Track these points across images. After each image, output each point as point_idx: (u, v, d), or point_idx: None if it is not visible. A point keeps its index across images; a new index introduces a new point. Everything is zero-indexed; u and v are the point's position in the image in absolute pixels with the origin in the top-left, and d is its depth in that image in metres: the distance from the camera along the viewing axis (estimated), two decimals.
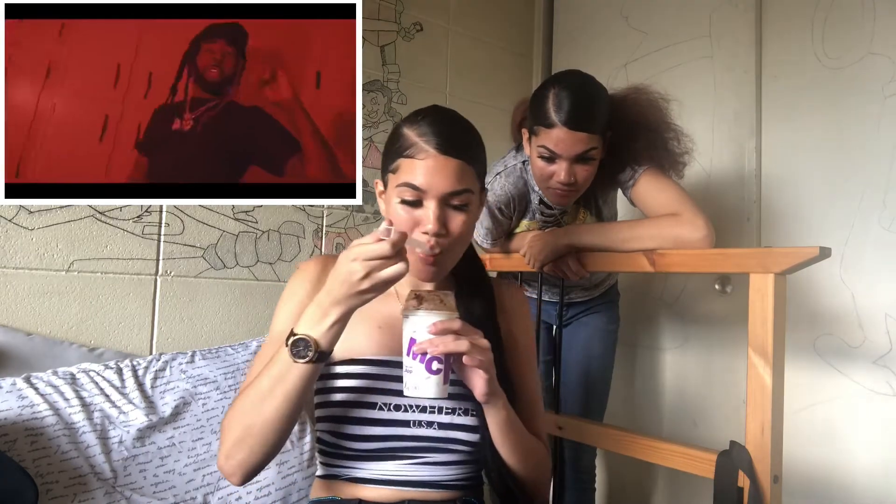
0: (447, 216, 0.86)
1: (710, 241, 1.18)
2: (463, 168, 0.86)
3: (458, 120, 0.91)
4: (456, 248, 0.90)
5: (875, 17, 1.55)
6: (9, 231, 1.32)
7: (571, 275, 1.32)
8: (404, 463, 0.89)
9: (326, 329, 0.76)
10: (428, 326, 0.77)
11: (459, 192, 0.85)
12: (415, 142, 0.85)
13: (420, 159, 0.84)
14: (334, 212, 1.82)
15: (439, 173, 0.84)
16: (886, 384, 1.48)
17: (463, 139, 0.88)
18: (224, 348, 1.45)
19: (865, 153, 1.55)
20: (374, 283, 0.73)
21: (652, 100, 1.30)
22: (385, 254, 0.72)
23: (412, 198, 0.85)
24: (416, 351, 0.77)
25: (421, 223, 0.85)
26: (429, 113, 0.89)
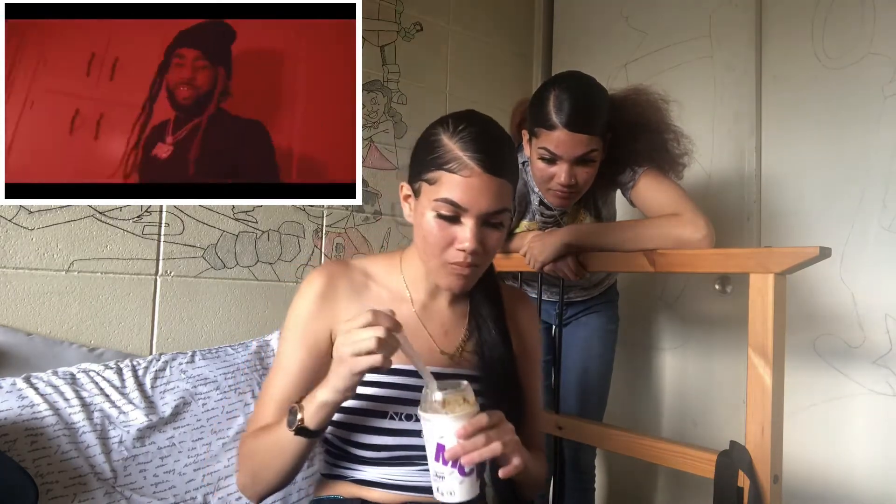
0: (484, 235, 0.85)
1: (710, 242, 1.18)
2: (504, 187, 0.85)
3: (500, 134, 0.89)
4: (486, 263, 0.91)
5: (875, 17, 1.55)
6: (9, 231, 1.32)
7: (571, 275, 1.32)
8: (411, 469, 0.89)
9: (315, 408, 0.78)
10: (457, 430, 0.74)
11: (500, 211, 0.85)
12: (458, 156, 0.83)
13: (464, 176, 0.82)
14: (334, 212, 1.82)
15: (483, 193, 0.82)
16: (886, 384, 1.48)
17: (506, 156, 0.86)
18: (224, 348, 1.45)
19: (865, 153, 1.55)
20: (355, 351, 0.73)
21: (652, 101, 1.30)
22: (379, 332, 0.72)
23: (450, 213, 0.83)
24: (449, 458, 0.74)
25: (457, 240, 0.84)
26: (470, 123, 0.86)
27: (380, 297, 0.95)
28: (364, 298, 0.94)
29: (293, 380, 0.90)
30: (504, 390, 0.92)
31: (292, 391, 0.90)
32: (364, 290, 0.95)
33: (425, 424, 0.76)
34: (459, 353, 0.96)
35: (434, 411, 0.75)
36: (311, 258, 1.77)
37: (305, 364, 0.91)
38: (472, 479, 0.76)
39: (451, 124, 0.87)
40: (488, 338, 0.93)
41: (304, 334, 0.91)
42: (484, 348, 0.94)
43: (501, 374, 0.93)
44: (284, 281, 1.71)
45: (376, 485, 0.89)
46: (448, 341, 0.96)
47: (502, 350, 0.94)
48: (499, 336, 0.94)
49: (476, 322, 0.96)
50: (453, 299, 0.98)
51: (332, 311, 0.92)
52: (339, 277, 0.94)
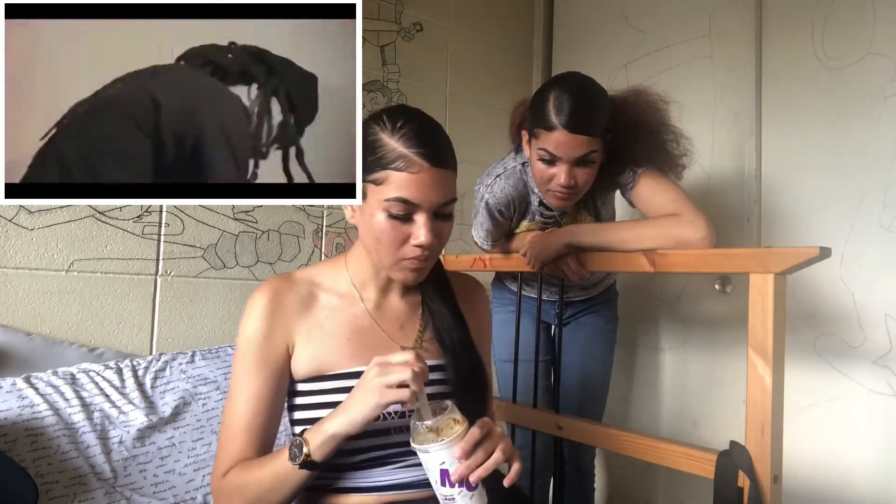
0: (437, 227, 0.86)
1: (710, 242, 1.18)
2: (450, 177, 0.86)
3: (437, 125, 0.89)
4: (439, 254, 0.92)
5: (875, 17, 1.54)
6: (9, 231, 1.32)
7: (571, 275, 1.32)
8: (386, 469, 0.89)
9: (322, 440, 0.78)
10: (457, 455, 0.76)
11: (450, 201, 0.86)
12: (403, 154, 0.82)
13: (412, 173, 0.82)
14: (334, 212, 1.82)
15: (432, 186, 0.83)
16: (886, 384, 1.48)
17: (447, 147, 0.87)
18: (224, 348, 1.45)
19: (865, 153, 1.55)
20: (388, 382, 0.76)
21: (651, 101, 1.30)
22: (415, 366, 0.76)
23: (403, 213, 0.83)
24: (456, 480, 0.76)
25: (412, 236, 0.84)
26: (407, 119, 0.85)
27: (331, 305, 0.94)
28: (313, 309, 0.93)
29: (255, 405, 0.88)
30: (469, 370, 0.94)
31: (257, 417, 0.88)
32: (312, 300, 0.94)
33: (423, 456, 0.78)
34: (419, 343, 0.96)
35: (430, 441, 0.76)
36: (311, 258, 1.77)
37: (268, 387, 0.89)
38: (479, 492, 0.78)
39: (387, 122, 0.85)
40: (443, 322, 0.95)
41: (260, 357, 0.89)
42: (441, 334, 0.95)
43: (463, 354, 0.94)
44: None
45: (356, 490, 0.89)
46: (405, 335, 0.96)
47: (459, 331, 0.95)
48: (453, 319, 0.95)
49: (429, 310, 0.97)
50: (404, 293, 0.98)
51: (283, 325, 0.90)
52: (284, 292, 0.92)
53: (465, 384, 0.93)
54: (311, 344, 0.91)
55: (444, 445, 0.75)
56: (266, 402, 0.89)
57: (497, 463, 0.76)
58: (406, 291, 0.99)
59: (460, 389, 0.92)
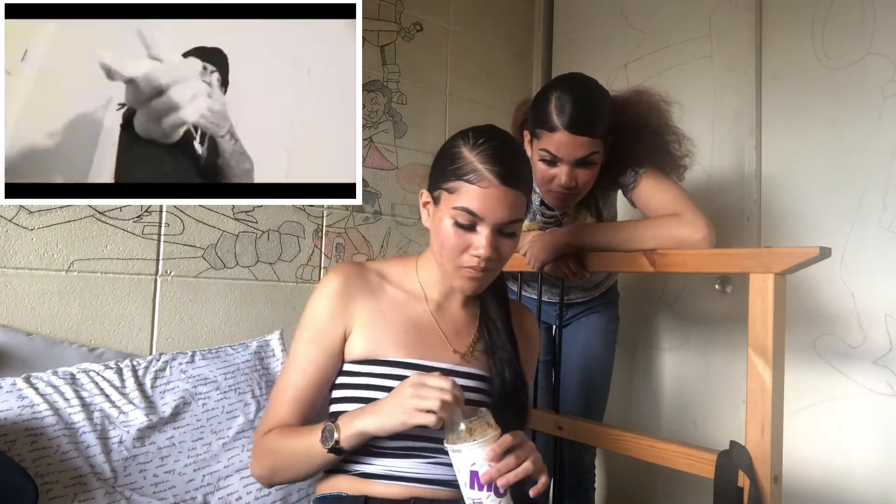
0: (498, 243, 0.90)
1: (710, 242, 1.18)
2: (518, 198, 0.90)
3: (518, 148, 0.94)
4: (499, 269, 0.96)
5: (875, 17, 1.55)
6: (9, 231, 1.32)
7: (571, 275, 1.32)
8: (417, 461, 0.90)
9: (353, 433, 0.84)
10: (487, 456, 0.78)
11: (514, 221, 0.90)
12: (477, 168, 0.87)
13: (482, 187, 0.87)
14: (334, 212, 1.82)
15: (498, 203, 0.87)
16: (886, 384, 1.48)
17: (522, 170, 0.91)
18: (224, 348, 1.45)
19: (865, 153, 1.55)
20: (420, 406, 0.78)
21: (653, 102, 1.30)
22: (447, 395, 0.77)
23: (467, 222, 0.88)
24: (485, 482, 0.78)
25: (472, 246, 0.89)
26: (489, 138, 0.91)
27: (395, 298, 0.99)
28: (379, 298, 0.99)
29: (307, 378, 0.95)
30: (512, 389, 0.97)
31: (306, 389, 0.95)
32: (379, 290, 1.00)
33: (455, 456, 0.79)
34: (470, 352, 1.00)
35: (463, 441, 0.78)
36: (311, 258, 1.77)
37: (320, 363, 0.95)
38: (507, 499, 0.79)
39: (471, 137, 0.91)
40: (497, 340, 0.99)
41: (318, 334, 0.95)
42: (494, 349, 0.99)
43: (510, 374, 0.97)
44: (284, 281, 1.71)
45: (381, 477, 0.90)
46: (459, 341, 1.00)
47: (510, 352, 0.98)
48: (507, 339, 0.99)
49: (486, 325, 1.01)
50: (465, 302, 1.03)
51: (347, 310, 0.96)
52: (355, 277, 0.98)
53: (507, 401, 0.96)
54: (370, 329, 0.96)
55: (477, 446, 0.77)
56: (314, 377, 0.95)
57: (527, 472, 0.78)
58: (466, 302, 1.03)
59: (500, 405, 0.95)
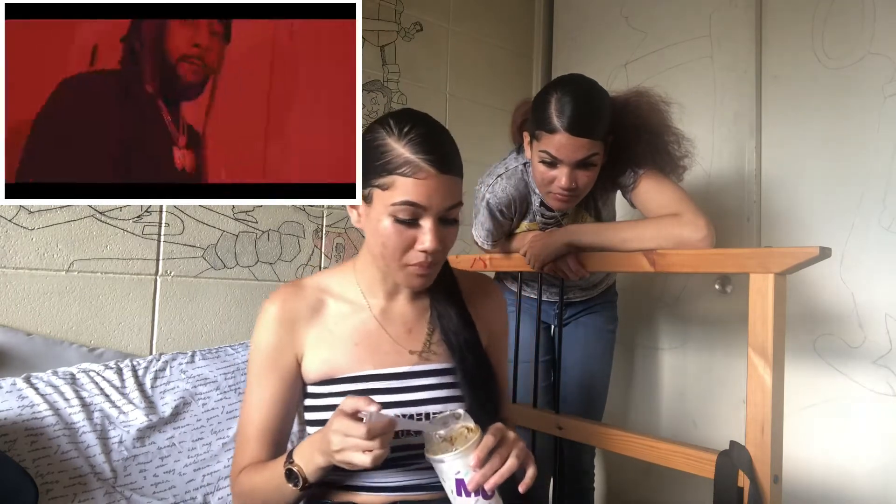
0: (442, 233, 0.86)
1: (710, 242, 1.18)
2: (456, 183, 0.86)
3: (443, 130, 0.89)
4: (444, 259, 0.93)
5: (875, 17, 1.55)
6: (9, 231, 1.32)
7: (571, 274, 1.32)
8: (395, 470, 0.89)
9: (313, 469, 0.81)
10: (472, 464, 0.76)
11: (456, 205, 0.86)
12: (409, 159, 0.83)
13: (420, 178, 0.82)
14: (334, 212, 1.82)
15: (438, 191, 0.83)
16: (886, 384, 1.48)
17: (454, 153, 0.87)
18: (224, 348, 1.45)
19: (865, 153, 1.55)
20: (342, 459, 0.75)
21: (653, 103, 1.29)
22: (360, 436, 0.73)
23: (409, 216, 0.84)
24: (473, 489, 0.76)
25: (417, 241, 0.85)
26: (414, 124, 0.86)
27: (340, 311, 0.96)
28: (323, 315, 0.95)
29: (268, 411, 0.92)
30: (477, 372, 0.94)
31: (270, 420, 0.92)
32: (320, 307, 0.95)
33: (438, 466, 0.78)
34: (427, 347, 0.96)
35: (444, 451, 0.77)
36: (311, 258, 1.77)
37: (277, 393, 0.93)
38: (496, 499, 0.78)
39: (393, 126, 0.86)
40: (450, 325, 0.95)
41: (271, 365, 0.92)
42: (449, 336, 0.95)
43: (471, 358, 0.94)
44: (284, 281, 1.71)
45: (365, 489, 0.90)
46: (413, 339, 0.97)
47: (467, 334, 0.95)
48: (461, 321, 0.95)
49: (437, 313, 0.97)
50: (413, 297, 0.99)
51: (294, 335, 0.93)
52: (293, 300, 0.94)
53: (475, 386, 0.93)
54: (321, 349, 0.93)
55: (459, 455, 0.76)
56: (276, 408, 0.92)
57: (512, 469, 0.77)
58: (414, 296, 0.99)
59: (470, 392, 0.92)
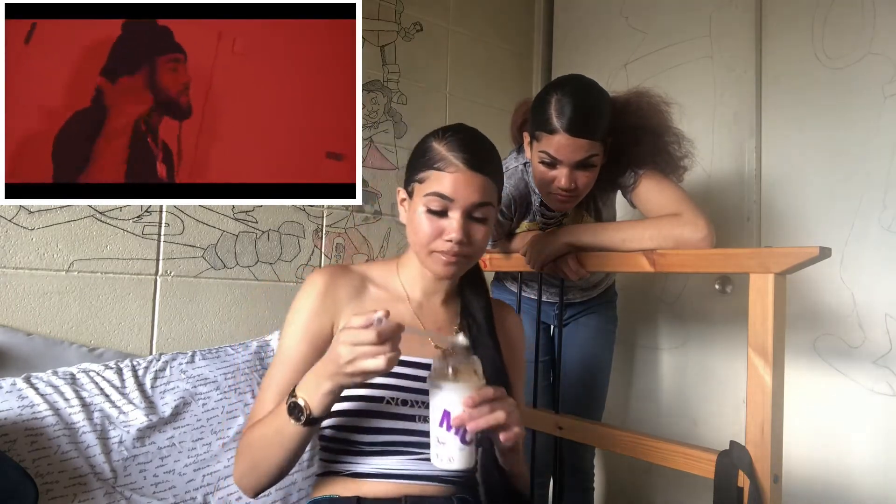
0: (470, 227, 0.92)
1: (710, 242, 1.18)
2: (487, 183, 0.92)
3: (484, 139, 0.97)
4: (473, 258, 0.97)
5: (875, 17, 1.55)
6: (9, 231, 1.32)
7: (571, 274, 1.32)
8: (405, 458, 0.91)
9: (320, 397, 0.80)
10: (464, 399, 0.77)
11: (483, 204, 0.92)
12: (444, 156, 0.91)
13: (450, 172, 0.90)
14: (334, 212, 1.82)
15: (466, 186, 0.90)
16: (886, 384, 1.48)
17: (488, 157, 0.94)
18: (224, 348, 1.45)
19: (865, 153, 1.55)
20: (355, 370, 0.75)
21: (653, 104, 1.29)
22: (370, 341, 0.74)
23: (439, 207, 0.91)
24: (455, 425, 0.78)
25: (445, 232, 0.91)
26: (457, 130, 0.95)
27: (378, 298, 1.01)
28: (363, 299, 1.00)
29: (295, 371, 0.94)
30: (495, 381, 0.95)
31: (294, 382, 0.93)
32: (363, 291, 1.01)
33: (434, 392, 0.80)
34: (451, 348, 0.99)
35: (445, 379, 0.79)
36: (311, 258, 1.77)
37: (307, 356, 0.95)
38: (470, 450, 0.79)
39: (441, 132, 0.96)
40: (478, 336, 0.99)
41: (306, 328, 0.96)
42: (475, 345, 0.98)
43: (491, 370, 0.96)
44: (284, 281, 1.71)
45: (371, 476, 0.91)
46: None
47: (491, 348, 0.99)
48: (488, 335, 1.00)
49: (466, 321, 1.02)
50: (446, 300, 1.04)
51: (333, 307, 0.97)
52: (340, 278, 0.99)
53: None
54: None
55: (457, 387, 0.78)
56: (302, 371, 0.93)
57: (498, 421, 0.78)
58: (447, 299, 1.04)
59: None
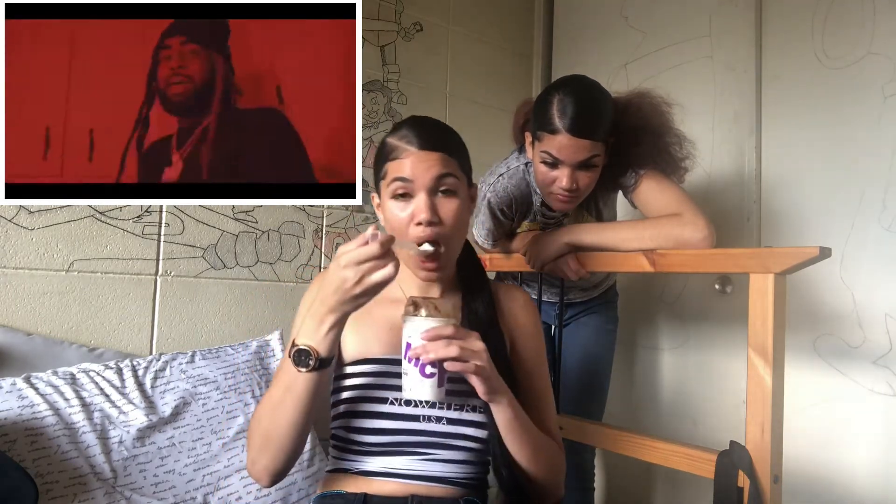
0: (437, 204, 0.90)
1: (710, 242, 1.18)
2: (444, 158, 0.90)
3: (437, 123, 0.97)
4: (453, 242, 0.93)
5: (875, 17, 1.55)
6: (9, 231, 1.32)
7: (572, 274, 1.32)
8: (412, 458, 0.90)
9: (323, 336, 0.79)
10: (422, 332, 0.79)
11: (444, 175, 0.90)
12: (397, 145, 0.91)
13: (404, 157, 0.90)
14: (334, 212, 1.82)
15: (423, 164, 0.89)
16: (886, 384, 1.48)
17: (441, 136, 0.93)
18: (224, 348, 1.45)
19: (865, 153, 1.55)
20: (365, 287, 0.75)
21: (655, 104, 1.29)
22: (374, 255, 0.74)
23: (402, 190, 0.89)
24: (410, 356, 0.80)
25: (414, 216, 0.89)
26: (407, 120, 0.95)
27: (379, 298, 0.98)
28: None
29: None
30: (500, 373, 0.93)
31: None
32: None
33: (403, 327, 0.82)
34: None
35: (408, 313, 0.82)
36: (311, 258, 1.77)
37: None
38: (431, 383, 0.80)
39: (393, 128, 0.96)
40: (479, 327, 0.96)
41: None
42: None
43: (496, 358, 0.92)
44: (284, 281, 1.71)
45: (379, 475, 0.91)
46: None
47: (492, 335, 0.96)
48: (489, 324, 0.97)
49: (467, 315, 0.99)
50: (443, 294, 1.01)
51: None
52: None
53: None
54: (360, 330, 0.97)
55: (416, 321, 0.80)
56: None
57: (448, 355, 0.78)
58: (447, 294, 1.01)
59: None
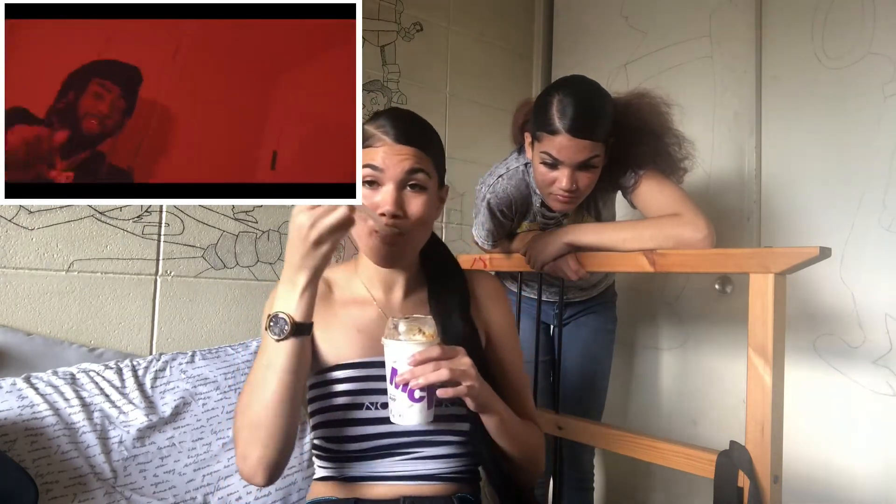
0: (404, 199, 0.89)
1: (710, 242, 1.18)
2: (418, 153, 0.90)
3: (415, 117, 0.96)
4: (415, 235, 0.93)
5: (875, 17, 1.55)
6: (9, 231, 1.32)
7: (572, 274, 1.32)
8: (397, 460, 0.90)
9: (297, 299, 0.78)
10: (407, 357, 0.78)
11: (415, 170, 0.89)
12: (373, 133, 0.91)
13: (377, 146, 0.89)
14: None
15: (396, 156, 0.88)
16: (886, 384, 1.48)
17: (417, 131, 0.92)
18: (224, 348, 1.45)
19: (865, 153, 1.55)
20: (321, 231, 0.75)
21: (654, 105, 1.29)
22: (326, 207, 0.75)
23: (371, 178, 0.89)
24: (398, 382, 0.78)
25: (379, 206, 0.88)
26: (387, 111, 0.95)
27: (343, 299, 0.99)
28: (330, 302, 0.99)
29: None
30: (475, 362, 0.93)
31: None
32: (329, 295, 1.00)
33: (385, 350, 0.81)
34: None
35: (391, 337, 0.80)
36: None
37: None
38: (421, 406, 0.79)
39: (373, 116, 0.95)
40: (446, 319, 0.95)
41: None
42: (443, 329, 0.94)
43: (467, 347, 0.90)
44: None
45: (367, 479, 0.91)
46: None
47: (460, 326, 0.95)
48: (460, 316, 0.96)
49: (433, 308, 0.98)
50: (408, 290, 1.00)
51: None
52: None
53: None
54: (328, 335, 0.95)
55: (399, 345, 0.79)
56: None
57: (439, 378, 0.77)
58: (410, 289, 1.00)
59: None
